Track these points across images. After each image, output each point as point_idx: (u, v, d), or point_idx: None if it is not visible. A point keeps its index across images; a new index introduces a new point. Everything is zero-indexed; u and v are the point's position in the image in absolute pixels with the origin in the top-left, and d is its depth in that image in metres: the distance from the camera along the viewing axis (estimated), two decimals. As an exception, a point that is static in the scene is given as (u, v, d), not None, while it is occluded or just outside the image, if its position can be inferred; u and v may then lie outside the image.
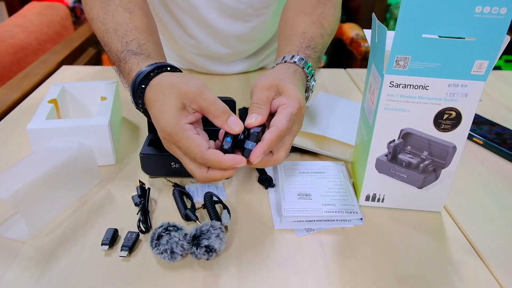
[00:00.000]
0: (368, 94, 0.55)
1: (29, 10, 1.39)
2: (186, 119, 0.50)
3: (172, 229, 0.48)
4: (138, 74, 0.53)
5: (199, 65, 0.97)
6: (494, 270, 0.48)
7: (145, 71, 0.53)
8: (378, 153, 0.54)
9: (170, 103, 0.49)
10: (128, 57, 0.56)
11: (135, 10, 0.61)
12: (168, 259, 0.46)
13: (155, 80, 0.52)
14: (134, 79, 0.53)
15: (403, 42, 0.45)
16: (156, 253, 0.47)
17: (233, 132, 0.49)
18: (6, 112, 0.81)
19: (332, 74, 1.03)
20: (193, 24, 0.88)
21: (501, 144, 0.71)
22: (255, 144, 0.49)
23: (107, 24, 0.60)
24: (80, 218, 0.54)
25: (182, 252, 0.47)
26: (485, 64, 0.46)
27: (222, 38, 0.90)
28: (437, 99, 0.49)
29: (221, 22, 0.87)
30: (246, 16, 0.87)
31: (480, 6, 0.42)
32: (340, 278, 0.46)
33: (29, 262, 0.47)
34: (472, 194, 0.61)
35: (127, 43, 0.58)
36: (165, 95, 0.50)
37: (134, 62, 0.55)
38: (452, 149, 0.51)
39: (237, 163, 0.48)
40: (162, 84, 0.51)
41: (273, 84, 0.53)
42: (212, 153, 0.48)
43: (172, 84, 0.51)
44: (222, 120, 0.49)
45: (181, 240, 0.47)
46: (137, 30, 0.59)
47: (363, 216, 0.55)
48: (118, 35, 0.59)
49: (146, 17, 0.63)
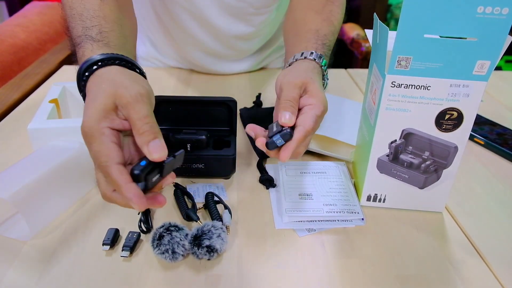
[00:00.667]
0: (370, 94, 0.55)
1: (29, 10, 1.39)
2: (109, 122, 0.43)
3: (174, 229, 0.48)
4: (86, 61, 0.47)
5: (199, 65, 0.97)
6: (495, 270, 0.48)
7: (94, 58, 0.47)
8: (379, 153, 0.54)
9: (100, 100, 0.43)
10: (84, 42, 0.51)
11: (107, 0, 0.57)
12: (169, 259, 0.46)
13: (100, 71, 0.47)
14: (81, 65, 0.48)
15: (405, 42, 0.45)
16: (157, 253, 0.47)
17: (150, 157, 0.41)
18: (7, 112, 0.81)
19: (333, 74, 1.03)
20: (194, 24, 0.88)
21: (502, 145, 0.71)
22: (284, 142, 0.49)
23: (74, 9, 0.56)
24: (81, 218, 0.54)
25: (183, 252, 0.47)
26: (486, 64, 0.46)
27: (223, 38, 0.90)
28: (439, 99, 0.49)
29: (222, 21, 0.87)
30: (247, 15, 0.87)
31: (482, 6, 0.42)
32: (341, 278, 0.46)
33: (29, 262, 0.47)
34: (473, 194, 0.61)
35: (87, 28, 0.53)
36: (100, 90, 0.44)
37: (88, 48, 0.50)
38: (453, 150, 0.51)
39: (134, 201, 0.39)
40: (103, 78, 0.46)
41: (303, 82, 0.54)
42: (118, 170, 0.40)
43: (112, 82, 0.45)
44: (144, 139, 0.41)
45: (182, 240, 0.47)
46: (103, 19, 0.55)
47: (365, 216, 0.55)
48: (82, 20, 0.54)
49: (118, 9, 0.58)
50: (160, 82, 0.95)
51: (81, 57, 0.50)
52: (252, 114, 0.79)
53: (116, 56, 0.48)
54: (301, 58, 0.61)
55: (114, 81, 0.45)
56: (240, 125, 0.77)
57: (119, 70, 0.47)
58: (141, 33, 1.03)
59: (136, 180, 0.40)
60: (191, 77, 0.97)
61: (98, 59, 0.47)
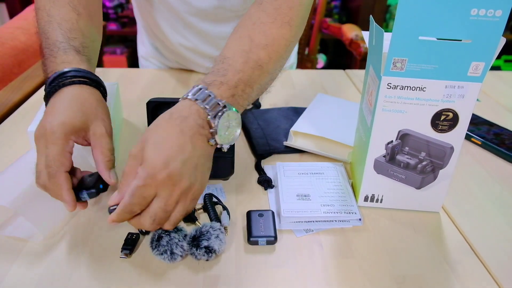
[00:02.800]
0: (366, 96, 0.56)
1: (30, 13, 1.40)
2: (75, 137, 0.49)
3: (172, 230, 0.48)
4: (76, 70, 0.52)
5: (198, 64, 0.98)
6: (491, 269, 0.48)
7: (81, 70, 0.52)
8: (376, 154, 0.54)
9: (78, 116, 0.49)
10: (69, 50, 0.54)
11: (83, 13, 0.60)
12: (168, 260, 0.47)
13: (84, 87, 0.51)
14: (68, 70, 0.51)
15: (400, 44, 0.46)
16: (156, 254, 0.47)
17: (110, 182, 0.49)
18: (7, 114, 0.81)
19: (331, 75, 1.04)
20: (181, 27, 0.89)
21: (500, 145, 0.72)
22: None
23: (52, 17, 0.58)
24: (81, 219, 0.54)
25: (182, 253, 0.47)
26: (481, 66, 0.46)
27: (210, 39, 0.91)
28: (434, 101, 0.49)
29: (205, 25, 0.88)
30: (227, 18, 0.87)
31: (476, 8, 0.43)
32: (339, 278, 0.47)
33: (30, 262, 0.48)
34: (470, 194, 0.61)
35: (69, 38, 0.56)
36: (81, 106, 0.50)
37: (75, 58, 0.54)
38: (449, 150, 0.52)
39: (70, 204, 0.47)
40: (86, 96, 0.51)
41: (137, 155, 0.46)
42: (65, 177, 0.47)
43: (96, 108, 0.51)
44: (108, 166, 0.49)
45: (181, 241, 0.48)
46: (81, 32, 0.58)
47: (362, 216, 0.55)
48: (61, 29, 0.57)
49: (92, 24, 0.61)
50: (159, 83, 0.95)
51: (63, 62, 0.53)
52: (251, 115, 0.79)
53: (96, 79, 0.54)
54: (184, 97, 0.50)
55: (96, 107, 0.51)
56: (239, 127, 0.77)
57: (99, 97, 0.53)
58: (141, 33, 1.04)
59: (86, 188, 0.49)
60: (190, 78, 0.98)
61: (85, 74, 0.52)
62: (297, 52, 1.16)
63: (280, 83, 0.98)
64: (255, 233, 0.51)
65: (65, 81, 0.51)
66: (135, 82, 0.96)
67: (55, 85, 0.51)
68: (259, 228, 0.51)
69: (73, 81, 0.51)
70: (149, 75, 1.00)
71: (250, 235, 0.50)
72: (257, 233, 0.51)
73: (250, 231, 0.51)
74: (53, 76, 0.52)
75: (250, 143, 0.71)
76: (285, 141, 0.70)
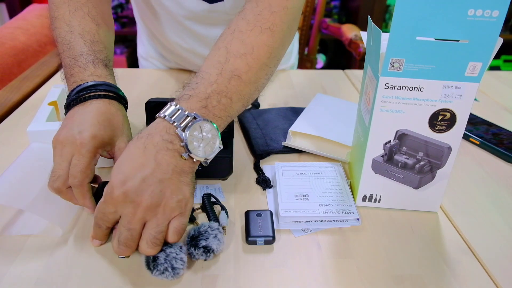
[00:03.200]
0: (364, 96, 0.56)
1: (29, 13, 1.40)
2: (102, 150, 0.52)
3: (166, 247, 0.46)
4: (107, 84, 0.54)
5: (197, 65, 0.98)
6: (489, 269, 0.49)
7: (112, 87, 0.55)
8: (374, 154, 0.54)
9: (107, 131, 0.52)
10: (98, 63, 0.56)
11: (101, 24, 0.61)
12: (171, 277, 0.45)
13: (112, 102, 0.54)
14: (100, 83, 0.54)
15: (397, 44, 0.46)
16: (157, 275, 0.45)
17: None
18: (7, 114, 0.81)
19: (330, 75, 1.04)
20: (178, 29, 0.90)
21: (498, 145, 0.72)
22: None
23: (73, 27, 0.59)
24: (81, 218, 0.54)
25: (183, 265, 0.45)
26: (478, 66, 0.46)
27: (205, 42, 0.91)
28: (432, 101, 0.49)
29: (200, 28, 0.88)
30: (222, 21, 0.87)
31: (473, 9, 0.43)
32: (337, 278, 0.47)
33: (29, 261, 0.48)
34: (469, 194, 0.61)
35: (95, 51, 0.57)
36: (111, 122, 0.53)
37: (103, 72, 0.56)
38: (447, 150, 0.52)
39: (90, 211, 0.51)
40: (115, 112, 0.54)
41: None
42: (88, 187, 0.50)
43: (122, 126, 0.55)
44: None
45: (179, 254, 0.46)
46: (103, 44, 0.59)
47: (360, 216, 0.56)
48: (84, 40, 0.58)
49: (109, 32, 0.63)
50: (159, 84, 0.96)
51: (93, 74, 0.55)
52: (249, 115, 0.79)
53: (123, 96, 0.57)
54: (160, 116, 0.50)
55: (122, 123, 0.55)
56: (237, 127, 0.77)
57: (125, 113, 0.57)
58: (141, 34, 1.04)
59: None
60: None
61: (114, 90, 0.55)
62: (297, 52, 1.16)
63: (279, 83, 0.98)
64: (253, 233, 0.51)
65: (94, 94, 0.53)
66: (134, 82, 0.96)
67: (81, 96, 0.53)
68: (257, 228, 0.51)
69: (103, 95, 0.53)
70: (149, 75, 1.00)
71: (248, 235, 0.51)
72: (255, 233, 0.51)
73: (248, 231, 0.51)
74: (81, 87, 0.53)
75: (249, 143, 0.72)
76: (283, 141, 0.70)
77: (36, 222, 0.53)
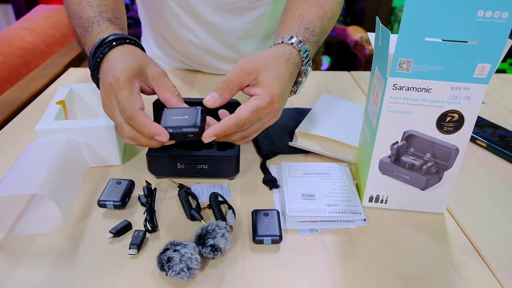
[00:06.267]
0: (372, 97, 0.56)
1: (36, 13, 1.41)
2: (138, 80, 0.53)
3: (180, 247, 0.46)
4: (113, 34, 0.55)
5: (205, 63, 0.98)
6: (495, 271, 0.48)
7: (119, 34, 0.56)
8: (381, 155, 0.54)
9: (134, 64, 0.53)
10: (102, 22, 0.58)
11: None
12: (187, 277, 0.44)
13: (128, 46, 0.55)
14: (106, 36, 0.55)
15: (406, 45, 0.46)
16: (172, 275, 0.44)
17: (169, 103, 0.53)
18: (15, 113, 0.82)
19: (336, 76, 1.04)
20: (191, 21, 0.90)
21: (504, 147, 0.72)
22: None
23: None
24: (88, 217, 0.55)
25: (198, 265, 0.45)
26: (487, 67, 0.46)
27: (220, 35, 0.91)
28: (440, 102, 0.49)
29: (217, 18, 0.88)
30: (240, 9, 0.88)
31: (482, 10, 0.43)
32: (343, 278, 0.47)
33: (36, 261, 0.48)
34: (475, 196, 0.61)
35: (101, 12, 0.60)
36: (134, 57, 0.54)
37: (109, 27, 0.57)
38: (454, 151, 0.52)
39: (161, 134, 0.49)
40: (132, 51, 0.55)
41: (254, 70, 0.54)
42: (143, 113, 0.50)
43: (143, 56, 0.55)
44: (178, 100, 0.54)
45: (194, 254, 0.46)
46: (109, 6, 0.62)
47: (366, 217, 0.56)
48: (91, 6, 0.60)
49: (118, 2, 0.65)
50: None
51: (98, 32, 0.56)
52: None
53: (135, 39, 0.58)
54: (279, 42, 0.59)
55: (145, 56, 0.56)
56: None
57: (142, 49, 0.58)
58: (146, 34, 1.04)
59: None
60: (196, 79, 0.99)
61: (124, 36, 0.56)
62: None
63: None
64: (261, 232, 0.51)
65: (106, 48, 0.54)
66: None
67: (99, 54, 0.55)
68: (264, 227, 0.52)
69: (114, 45, 0.55)
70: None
71: (255, 234, 0.51)
72: (263, 232, 0.51)
73: (256, 230, 0.51)
74: (94, 48, 0.55)
75: (256, 143, 0.72)
76: (290, 142, 0.70)
77: (40, 220, 0.54)
